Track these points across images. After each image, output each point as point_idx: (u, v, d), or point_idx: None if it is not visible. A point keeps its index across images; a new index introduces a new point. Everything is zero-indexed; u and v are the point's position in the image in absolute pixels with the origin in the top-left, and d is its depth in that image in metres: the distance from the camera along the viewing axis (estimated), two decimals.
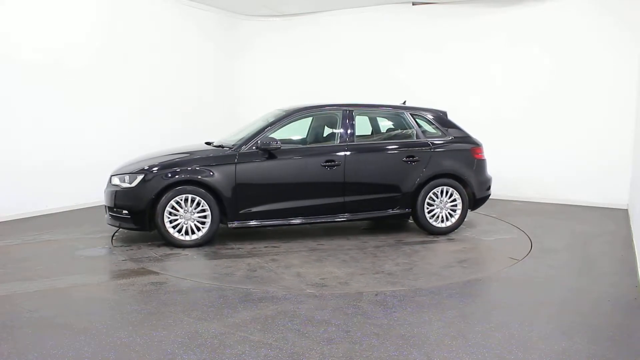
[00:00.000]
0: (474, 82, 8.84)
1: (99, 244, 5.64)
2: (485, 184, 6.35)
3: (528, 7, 8.39)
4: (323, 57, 10.04)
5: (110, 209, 5.65)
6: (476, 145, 6.30)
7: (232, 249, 5.55)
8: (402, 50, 9.41)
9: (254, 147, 5.61)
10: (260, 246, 5.65)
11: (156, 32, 8.72)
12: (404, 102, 6.61)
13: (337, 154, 5.80)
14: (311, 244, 5.74)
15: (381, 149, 6.07)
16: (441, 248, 5.62)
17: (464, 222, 6.32)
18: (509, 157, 8.32)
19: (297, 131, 6.33)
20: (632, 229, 6.29)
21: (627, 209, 7.69)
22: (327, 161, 5.74)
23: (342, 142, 5.89)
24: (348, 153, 5.82)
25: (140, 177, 5.43)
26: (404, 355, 3.08)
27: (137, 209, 5.40)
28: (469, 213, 6.61)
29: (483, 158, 6.34)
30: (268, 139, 5.61)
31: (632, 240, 5.89)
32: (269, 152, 5.61)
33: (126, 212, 5.47)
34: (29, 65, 6.83)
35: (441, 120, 6.31)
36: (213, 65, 10.04)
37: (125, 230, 6.11)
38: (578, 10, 8.04)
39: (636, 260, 5.03)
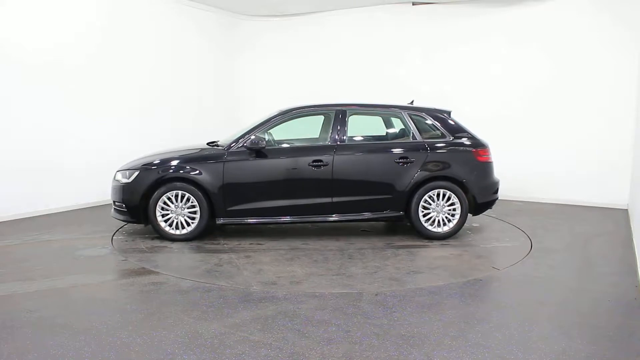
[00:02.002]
0: (474, 82, 8.85)
1: (99, 244, 5.65)
2: (490, 188, 6.02)
3: (528, 7, 8.40)
4: (323, 57, 10.04)
5: (114, 202, 5.98)
6: (480, 146, 5.96)
7: (218, 244, 5.68)
8: (402, 50, 9.41)
9: (242, 147, 5.74)
10: (245, 243, 5.74)
11: (156, 32, 8.72)
12: (412, 102, 6.43)
13: (325, 154, 5.75)
14: (296, 243, 5.75)
15: (372, 150, 5.94)
16: (426, 253, 5.39)
17: (470, 226, 6.24)
18: (509, 157, 8.30)
19: (289, 131, 6.35)
20: (632, 229, 6.29)
21: (627, 209, 7.69)
22: (314, 161, 5.71)
23: (332, 142, 5.83)
24: (336, 153, 5.76)
25: (136, 173, 5.74)
26: (404, 355, 3.08)
27: (133, 203, 5.70)
28: (478, 215, 6.52)
29: (487, 161, 6.00)
30: (256, 138, 5.71)
31: (632, 240, 5.89)
32: (257, 152, 5.71)
33: (124, 205, 5.77)
34: (29, 65, 6.83)
35: (442, 120, 6.04)
36: (213, 65, 10.05)
37: (134, 225, 6.29)
38: (578, 10, 8.05)
39: (636, 260, 5.03)
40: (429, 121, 6.04)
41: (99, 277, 4.56)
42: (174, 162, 5.75)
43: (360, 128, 6.37)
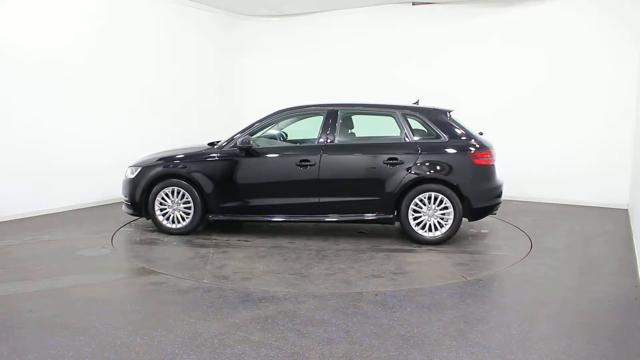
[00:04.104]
0: (474, 82, 8.85)
1: (99, 244, 5.65)
2: (488, 193, 5.67)
3: (528, 7, 8.40)
4: (323, 57, 10.04)
5: (124, 197, 6.29)
6: (477, 148, 5.60)
7: (208, 239, 5.89)
8: (402, 50, 9.41)
9: (234, 146, 5.90)
10: (234, 239, 5.90)
11: (156, 32, 8.72)
12: (417, 102, 6.25)
13: (313, 153, 5.74)
14: (282, 241, 5.80)
15: (360, 150, 5.80)
16: (404, 258, 5.17)
17: (478, 232, 6.14)
18: (509, 157, 8.28)
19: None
20: (632, 229, 6.29)
21: (627, 209, 7.69)
22: (301, 161, 5.72)
23: (320, 142, 5.81)
24: (323, 153, 5.72)
25: (138, 170, 6.08)
26: (404, 355, 3.08)
27: (135, 197, 6.04)
28: (489, 221, 6.43)
29: (486, 163, 5.64)
30: (246, 138, 5.83)
31: (632, 240, 5.89)
32: (247, 151, 5.85)
33: (129, 200, 6.14)
34: (29, 65, 6.83)
35: (438, 120, 5.74)
36: (213, 65, 10.04)
37: (144, 220, 6.52)
38: (578, 10, 8.05)
39: (636, 260, 5.03)
40: (424, 121, 5.80)
41: (99, 277, 4.56)
42: (172, 160, 6.05)
43: (358, 128, 6.36)
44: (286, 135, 6.52)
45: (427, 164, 5.60)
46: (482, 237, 6.11)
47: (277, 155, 5.92)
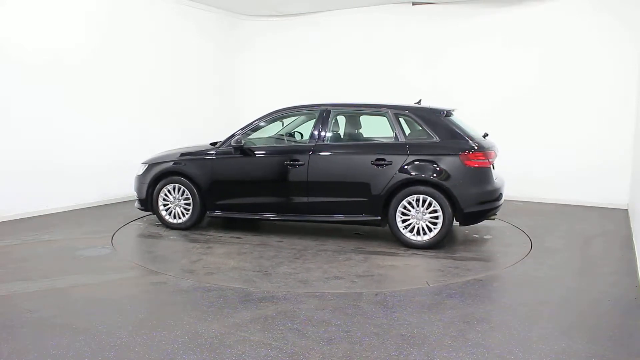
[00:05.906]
0: (473, 82, 8.84)
1: (99, 244, 5.65)
2: (482, 197, 5.41)
3: (528, 7, 8.40)
4: (323, 57, 10.03)
5: (136, 193, 6.59)
6: (470, 150, 5.34)
7: (203, 235, 6.11)
8: (402, 50, 9.41)
9: (229, 146, 6.08)
10: (227, 235, 6.08)
11: (156, 32, 8.72)
12: (419, 102, 6.19)
13: (302, 153, 5.78)
14: (271, 239, 5.88)
15: (348, 150, 5.78)
16: (380, 261, 5.03)
17: (481, 237, 6.00)
18: (508, 157, 8.28)
19: (276, 131, 6.59)
20: (632, 229, 6.29)
21: (627, 209, 7.69)
22: (291, 160, 5.76)
23: (310, 142, 5.84)
24: (312, 153, 5.74)
25: (145, 167, 6.44)
26: (404, 355, 3.08)
27: (142, 194, 6.40)
28: (492, 226, 6.41)
29: (480, 166, 5.37)
30: (240, 138, 6.02)
31: (632, 240, 5.89)
32: (241, 150, 6.01)
33: (137, 196, 6.48)
34: (29, 65, 6.82)
35: (431, 120, 5.54)
36: (213, 65, 10.04)
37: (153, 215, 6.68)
38: (578, 10, 8.04)
39: (636, 260, 5.04)
40: (416, 121, 5.64)
41: (99, 277, 4.56)
42: (173, 159, 6.33)
43: (337, 128, 6.31)
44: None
45: (415, 165, 5.42)
46: (481, 242, 6.03)
47: (268, 154, 6.01)
